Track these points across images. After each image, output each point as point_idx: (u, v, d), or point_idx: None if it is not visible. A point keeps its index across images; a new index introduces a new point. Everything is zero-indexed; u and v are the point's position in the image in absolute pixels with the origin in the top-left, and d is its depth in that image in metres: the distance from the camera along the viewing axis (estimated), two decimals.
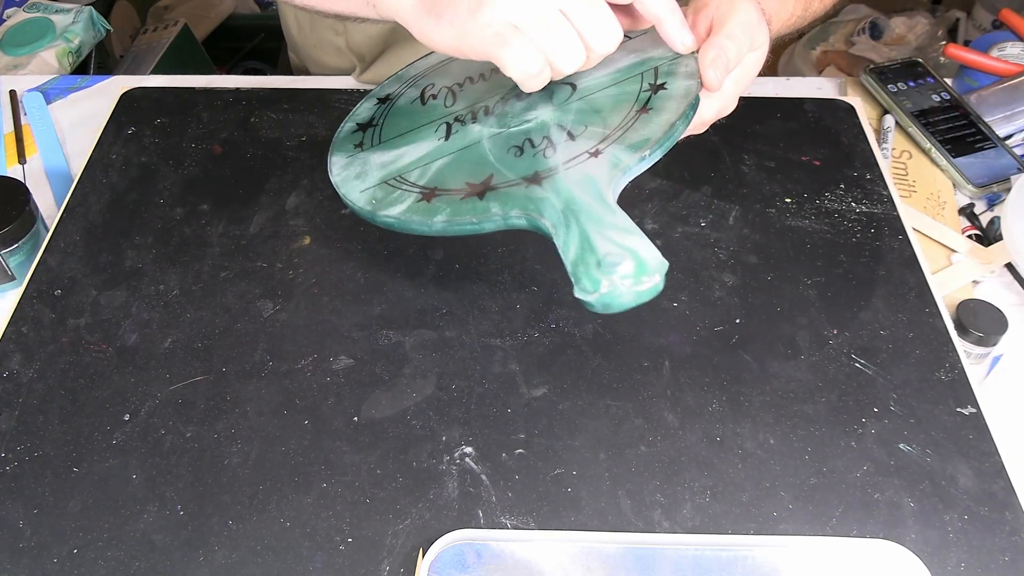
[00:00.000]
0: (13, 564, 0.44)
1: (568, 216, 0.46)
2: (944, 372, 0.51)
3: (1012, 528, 0.45)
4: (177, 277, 0.57)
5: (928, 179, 0.68)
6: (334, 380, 0.51)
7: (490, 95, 0.56)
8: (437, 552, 0.43)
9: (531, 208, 0.47)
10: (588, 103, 0.52)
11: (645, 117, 0.50)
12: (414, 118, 0.58)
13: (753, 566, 0.43)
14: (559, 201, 0.47)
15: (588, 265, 0.44)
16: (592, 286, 0.44)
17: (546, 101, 0.53)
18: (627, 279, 0.43)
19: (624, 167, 0.48)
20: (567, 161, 0.49)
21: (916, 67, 0.76)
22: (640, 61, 0.54)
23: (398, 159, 0.55)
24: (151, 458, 0.48)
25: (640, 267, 0.44)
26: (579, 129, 0.51)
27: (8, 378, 0.51)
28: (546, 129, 0.52)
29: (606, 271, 0.44)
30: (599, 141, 0.49)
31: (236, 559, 0.44)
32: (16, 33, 1.03)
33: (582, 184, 0.48)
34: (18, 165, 0.71)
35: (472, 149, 0.53)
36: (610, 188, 0.47)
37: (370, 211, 0.52)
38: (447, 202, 0.50)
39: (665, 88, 0.51)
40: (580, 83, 0.54)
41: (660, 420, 0.49)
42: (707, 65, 0.49)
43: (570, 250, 0.45)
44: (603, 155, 0.48)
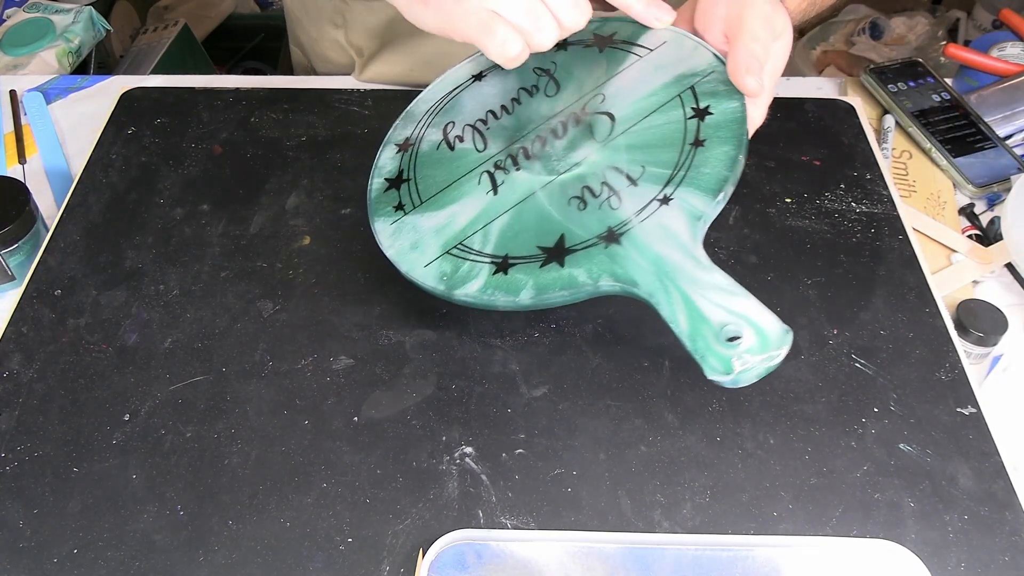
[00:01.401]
0: (13, 564, 0.44)
1: (663, 280, 0.45)
2: (944, 372, 0.51)
3: (1012, 528, 0.45)
4: (177, 277, 0.57)
5: (928, 179, 0.68)
6: (334, 380, 0.51)
7: (521, 133, 0.54)
8: (437, 552, 0.43)
9: (620, 274, 0.46)
10: (635, 137, 0.50)
11: (702, 152, 0.48)
12: (448, 168, 0.54)
13: (753, 566, 0.43)
14: (646, 262, 0.46)
15: (707, 339, 0.43)
16: (723, 366, 0.42)
17: (587, 137, 0.52)
18: (755, 355, 0.42)
19: (702, 215, 0.46)
20: (638, 212, 0.47)
21: (916, 67, 0.76)
22: (673, 80, 0.52)
23: (451, 222, 0.51)
24: (151, 458, 0.48)
25: (763, 341, 0.42)
26: (636, 171, 0.49)
27: (8, 378, 0.51)
28: (601, 173, 0.50)
29: (729, 347, 0.42)
30: (663, 184, 0.48)
31: (236, 559, 0.44)
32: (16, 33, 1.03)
33: (664, 239, 0.46)
34: (18, 165, 0.71)
35: (529, 204, 0.50)
36: (696, 242, 0.46)
37: (444, 291, 0.49)
38: (526, 272, 0.47)
39: (711, 113, 0.49)
40: (617, 112, 0.52)
41: (660, 420, 0.49)
42: (743, 73, 0.49)
43: (679, 321, 0.44)
44: (674, 202, 0.47)
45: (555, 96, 0.55)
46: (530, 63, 0.56)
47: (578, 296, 0.47)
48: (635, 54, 0.54)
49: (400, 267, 0.51)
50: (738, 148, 0.48)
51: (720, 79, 0.50)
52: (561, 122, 0.53)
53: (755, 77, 0.49)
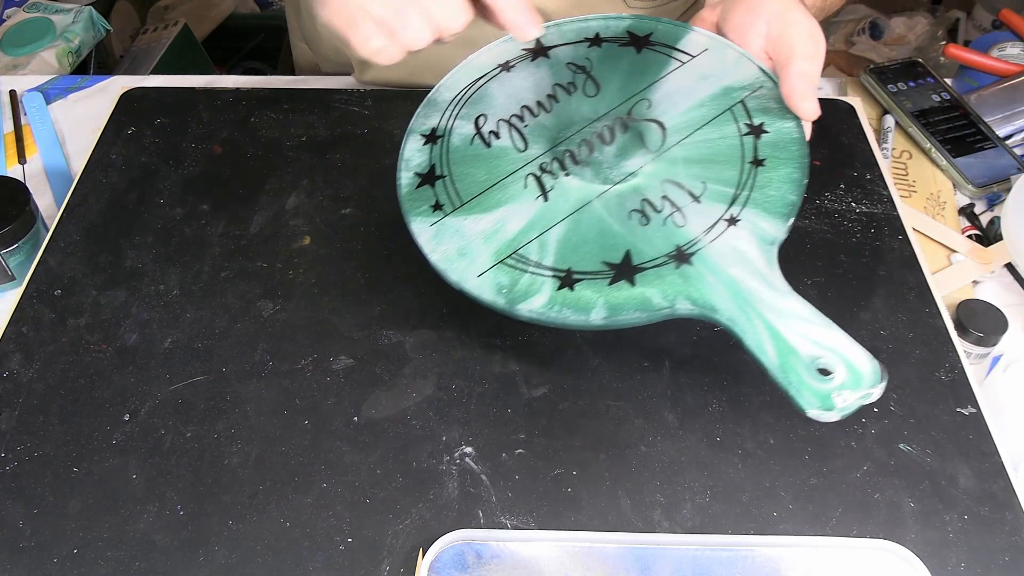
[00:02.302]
0: (13, 564, 0.44)
1: (743, 307, 0.44)
2: (944, 372, 0.51)
3: (1012, 528, 0.45)
4: (177, 277, 0.57)
5: (928, 179, 0.68)
6: (334, 380, 0.51)
7: (564, 135, 0.52)
8: (437, 552, 0.43)
9: (697, 298, 0.45)
10: (691, 150, 0.50)
11: (764, 173, 0.48)
12: (488, 167, 0.52)
13: (753, 566, 0.43)
14: (722, 286, 0.44)
15: (799, 373, 0.42)
16: (822, 403, 0.42)
17: (638, 146, 0.50)
18: (852, 391, 0.41)
19: (774, 240, 0.46)
20: (706, 231, 0.46)
21: (916, 67, 0.76)
22: (721, 91, 0.51)
23: (501, 228, 0.49)
24: (151, 458, 0.48)
25: (855, 377, 0.42)
26: (697, 187, 0.48)
27: (8, 378, 0.51)
28: (660, 187, 0.49)
29: (824, 381, 0.42)
30: (729, 204, 0.47)
31: (236, 559, 0.44)
32: (16, 33, 1.04)
33: (738, 263, 0.45)
34: (18, 165, 0.71)
35: (586, 214, 0.49)
36: (772, 268, 0.45)
37: (505, 305, 0.46)
38: (595, 289, 0.46)
39: (767, 131, 0.49)
40: (667, 121, 0.51)
41: (660, 420, 0.49)
42: (800, 99, 0.48)
43: (767, 352, 0.43)
44: (742, 224, 0.46)
45: (596, 97, 0.54)
46: (564, 56, 0.56)
47: (653, 318, 0.46)
48: (676, 59, 0.54)
49: (448, 276, 0.48)
50: (802, 172, 0.48)
51: (770, 95, 0.50)
52: (607, 127, 0.52)
53: (812, 102, 0.48)
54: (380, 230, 0.59)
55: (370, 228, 0.60)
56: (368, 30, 0.48)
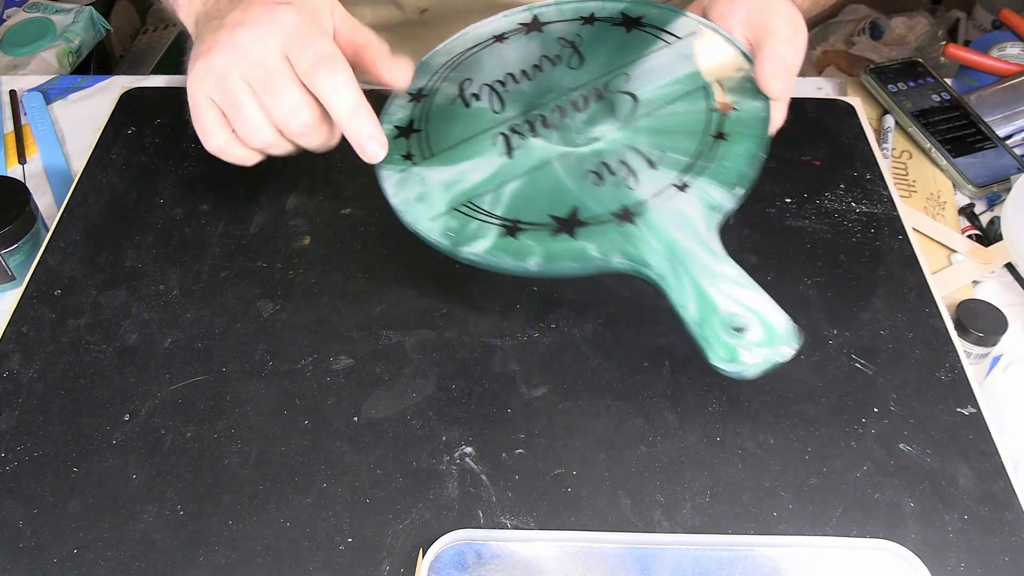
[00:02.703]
0: (13, 564, 0.44)
1: (675, 265, 0.45)
2: (944, 372, 0.51)
3: (1012, 528, 0.45)
4: (177, 277, 0.57)
5: (928, 179, 0.68)
6: (334, 380, 0.51)
7: (540, 100, 0.54)
8: (437, 552, 0.43)
9: (632, 254, 0.46)
10: (657, 121, 0.51)
11: (725, 146, 0.49)
12: (463, 125, 0.54)
13: (753, 566, 0.43)
14: (660, 244, 0.46)
15: (714, 327, 0.43)
16: (729, 354, 0.43)
17: (609, 115, 0.52)
18: (761, 348, 0.43)
19: (719, 207, 0.47)
20: (655, 195, 0.47)
21: (916, 67, 0.76)
22: (699, 71, 0.52)
23: (461, 179, 0.51)
24: (151, 458, 0.48)
25: (770, 335, 0.43)
26: (655, 154, 0.49)
27: (8, 378, 0.51)
28: (620, 152, 0.50)
29: (734, 335, 0.43)
30: (682, 171, 0.48)
31: (236, 559, 0.44)
32: (16, 33, 1.04)
33: (680, 225, 0.46)
34: (18, 165, 0.71)
35: (544, 172, 0.50)
36: (712, 233, 0.46)
37: (449, 246, 0.48)
38: (536, 239, 0.47)
39: (736, 109, 0.50)
40: (640, 93, 0.52)
41: (660, 420, 0.49)
42: (769, 79, 0.49)
43: (688, 307, 0.44)
44: (691, 190, 0.47)
45: (579, 69, 0.55)
46: (557, 32, 0.58)
47: (587, 268, 0.47)
48: (663, 40, 0.55)
49: (404, 217, 0.50)
50: (759, 147, 0.48)
51: (748, 77, 0.51)
52: (583, 95, 0.53)
53: (782, 82, 0.49)
54: (380, 230, 0.59)
55: (370, 228, 0.60)
56: (209, 121, 0.48)
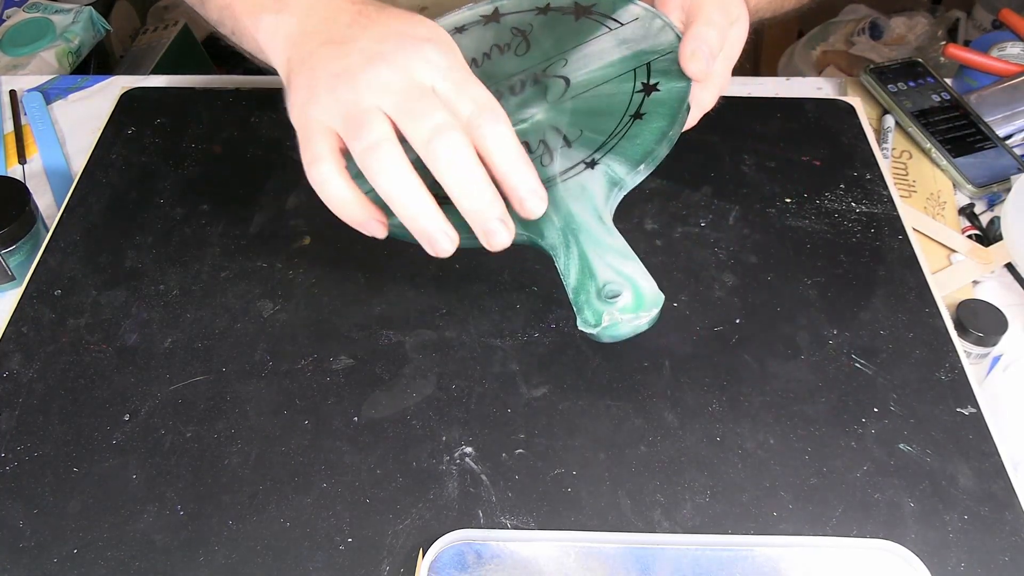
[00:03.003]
0: (13, 564, 0.44)
1: (567, 236, 0.47)
2: (944, 372, 0.51)
3: (1012, 528, 0.45)
4: (177, 277, 0.57)
5: (928, 179, 0.68)
6: (334, 380, 0.51)
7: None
8: (437, 552, 0.43)
9: (530, 225, 0.48)
10: (582, 103, 0.52)
11: (639, 124, 0.50)
12: None
13: (753, 566, 0.43)
14: (558, 218, 0.48)
15: (588, 293, 0.45)
16: (594, 319, 0.45)
17: (540, 97, 0.53)
18: (626, 313, 0.45)
19: (620, 182, 0.48)
20: (564, 172, 0.49)
21: (916, 67, 0.76)
22: (633, 55, 0.53)
23: None
24: (151, 458, 0.48)
25: (638, 301, 0.45)
26: (574, 133, 0.51)
27: (8, 378, 0.51)
28: (542, 131, 0.52)
29: (606, 302, 0.45)
30: (594, 150, 0.50)
31: (236, 559, 0.44)
32: (16, 33, 1.04)
33: (580, 199, 0.48)
34: (18, 165, 0.71)
35: None
36: (607, 206, 0.48)
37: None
38: (449, 213, 0.48)
39: (658, 90, 0.51)
40: (573, 78, 0.54)
41: (660, 420, 0.49)
42: (688, 59, 0.49)
43: (570, 275, 0.46)
44: (599, 166, 0.49)
45: (523, 56, 0.57)
46: (509, 23, 0.59)
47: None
48: (606, 26, 0.56)
49: None
50: (670, 124, 0.49)
51: (676, 59, 0.52)
52: (520, 80, 0.55)
53: (701, 63, 0.49)
54: None
55: None
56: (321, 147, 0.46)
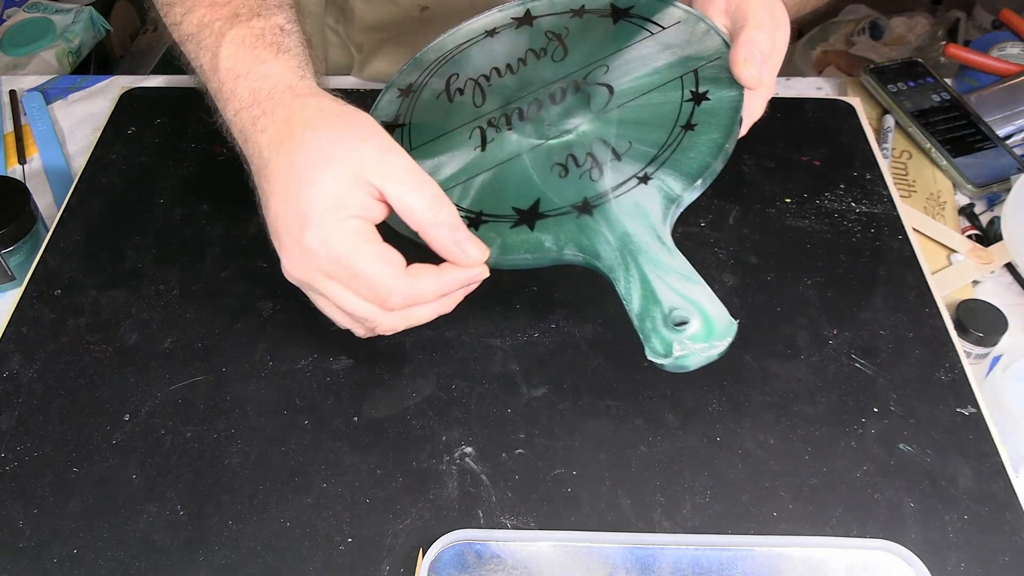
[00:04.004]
0: (13, 564, 0.44)
1: (626, 256, 0.45)
2: (944, 372, 0.51)
3: (1012, 528, 0.45)
4: (177, 277, 0.57)
5: (928, 179, 0.68)
6: (334, 380, 0.51)
7: (520, 93, 0.54)
8: (437, 552, 0.43)
9: (586, 246, 0.46)
10: (628, 112, 0.51)
11: (691, 136, 0.48)
12: (444, 119, 0.54)
13: (753, 566, 0.43)
14: (613, 237, 0.46)
15: (654, 320, 0.43)
16: (663, 348, 0.43)
17: (583, 106, 0.52)
18: (698, 342, 0.42)
19: (677, 198, 0.46)
20: (616, 187, 0.47)
21: (916, 67, 0.76)
22: (679, 61, 0.52)
23: (436, 172, 0.51)
24: (151, 458, 0.48)
25: (708, 329, 0.43)
26: (623, 146, 0.49)
27: (8, 378, 0.51)
28: (589, 144, 0.50)
29: (674, 330, 0.42)
30: (646, 163, 0.48)
31: (236, 559, 0.44)
32: (16, 33, 1.04)
33: (636, 217, 0.46)
34: (18, 165, 0.71)
35: (513, 164, 0.50)
36: (665, 224, 0.46)
37: (412, 233, 0.47)
38: (496, 230, 0.47)
39: (708, 99, 0.49)
40: (617, 85, 0.52)
41: (660, 420, 0.49)
42: (741, 65, 0.48)
43: (633, 300, 0.44)
44: (652, 182, 0.47)
45: (561, 61, 0.55)
46: (546, 25, 0.58)
47: (541, 261, 0.47)
48: (647, 30, 0.54)
49: None
50: (726, 137, 0.48)
51: (724, 65, 0.50)
52: (560, 88, 0.53)
53: (754, 69, 0.48)
54: (379, 229, 0.59)
55: None
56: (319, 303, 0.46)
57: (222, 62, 0.48)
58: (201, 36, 0.49)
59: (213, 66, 0.48)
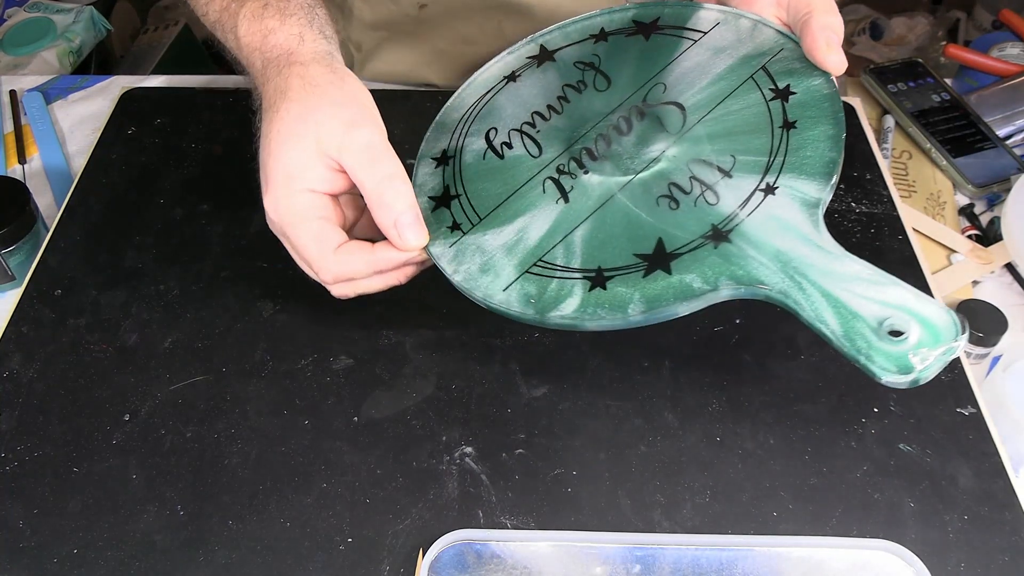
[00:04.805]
0: (13, 564, 0.44)
1: (793, 276, 0.41)
2: (944, 372, 0.51)
3: (1012, 528, 0.45)
4: (177, 277, 0.57)
5: (928, 179, 0.68)
6: (334, 380, 0.51)
7: (578, 133, 0.50)
8: (437, 552, 0.43)
9: (741, 275, 0.42)
10: (713, 125, 0.47)
11: (796, 134, 0.45)
12: (503, 179, 0.49)
13: (753, 566, 0.43)
14: (766, 258, 0.42)
15: (866, 338, 0.39)
16: (897, 365, 0.38)
17: (658, 130, 0.48)
18: (931, 349, 0.38)
19: (817, 202, 0.43)
20: (742, 206, 0.43)
21: (916, 67, 0.76)
22: (739, 61, 0.49)
23: (522, 237, 0.46)
24: (151, 458, 0.48)
25: (932, 332, 0.38)
26: (726, 161, 0.46)
27: (8, 378, 0.51)
28: (685, 168, 0.46)
29: (896, 343, 0.38)
30: (763, 173, 0.44)
31: (236, 559, 0.44)
32: (17, 33, 1.04)
33: (781, 233, 0.42)
34: (18, 165, 0.71)
35: (611, 208, 0.46)
36: (819, 231, 0.42)
37: (535, 315, 0.44)
38: (629, 284, 0.43)
39: (794, 92, 0.47)
40: (685, 101, 0.49)
41: (660, 420, 0.49)
42: (826, 52, 0.46)
43: (828, 321, 0.40)
44: (780, 191, 0.43)
45: (607, 91, 0.51)
46: (571, 56, 0.54)
47: (696, 305, 0.43)
48: (688, 39, 0.51)
49: (474, 294, 0.46)
50: (838, 127, 0.45)
51: (793, 57, 0.48)
52: (622, 117, 0.50)
53: (839, 53, 0.46)
54: None
55: None
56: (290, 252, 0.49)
57: (241, 39, 0.51)
58: (223, 20, 0.52)
59: (237, 46, 0.51)
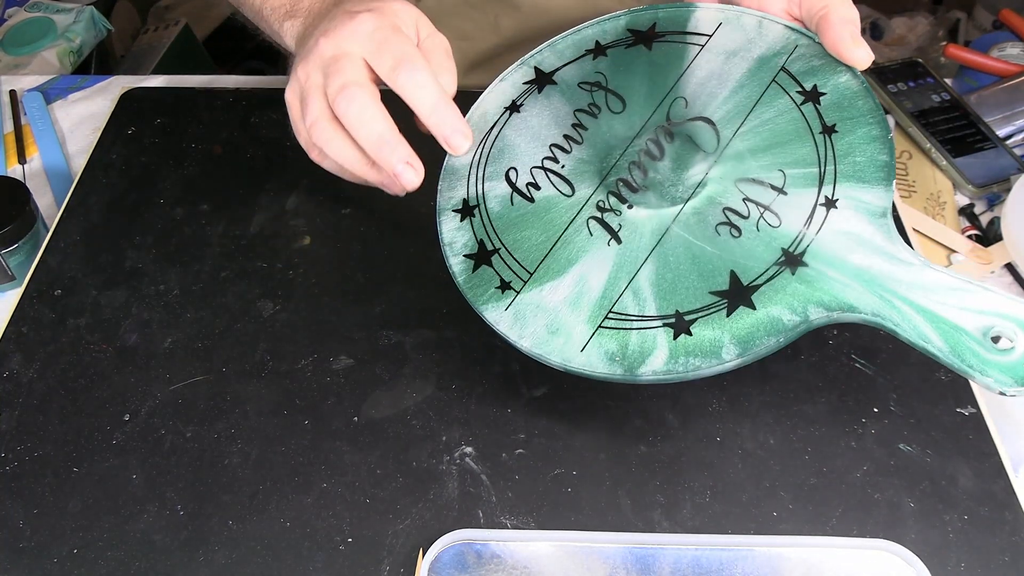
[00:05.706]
0: (13, 564, 0.44)
1: (882, 294, 0.39)
2: (944, 372, 0.51)
3: (1012, 528, 0.45)
4: (177, 277, 0.57)
5: (928, 179, 0.68)
6: (334, 380, 0.51)
7: (608, 162, 0.47)
8: (437, 552, 0.43)
9: (829, 301, 0.40)
10: (754, 139, 0.45)
11: (840, 139, 0.43)
12: (540, 225, 0.46)
13: (753, 566, 0.43)
14: (850, 279, 0.40)
15: (976, 352, 0.38)
16: (1016, 376, 0.37)
17: (693, 152, 0.46)
18: None
19: (883, 210, 0.41)
20: (806, 222, 0.42)
21: (916, 67, 0.76)
22: (755, 65, 0.47)
23: (584, 290, 0.44)
24: (151, 458, 0.48)
25: None
26: (776, 177, 0.43)
27: (8, 378, 0.51)
28: (734, 190, 0.44)
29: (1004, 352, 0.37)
30: (817, 186, 0.43)
31: (236, 559, 0.44)
32: (17, 33, 1.04)
33: (854, 247, 0.41)
34: (18, 165, 0.71)
35: (669, 244, 0.43)
36: (893, 242, 0.41)
37: (624, 374, 0.41)
38: (714, 326, 0.41)
39: (824, 93, 0.45)
40: (711, 114, 0.47)
41: (660, 420, 0.49)
42: (851, 46, 0.45)
43: (932, 338, 0.38)
44: (842, 203, 0.42)
45: (625, 112, 0.49)
46: (572, 77, 0.51)
47: (791, 337, 0.41)
48: (693, 44, 0.49)
49: (550, 360, 0.43)
50: (881, 127, 0.43)
51: (811, 53, 0.46)
52: (651, 140, 0.47)
53: (863, 48, 0.45)
54: (380, 230, 0.59)
55: (370, 228, 0.60)
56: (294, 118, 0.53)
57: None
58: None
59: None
